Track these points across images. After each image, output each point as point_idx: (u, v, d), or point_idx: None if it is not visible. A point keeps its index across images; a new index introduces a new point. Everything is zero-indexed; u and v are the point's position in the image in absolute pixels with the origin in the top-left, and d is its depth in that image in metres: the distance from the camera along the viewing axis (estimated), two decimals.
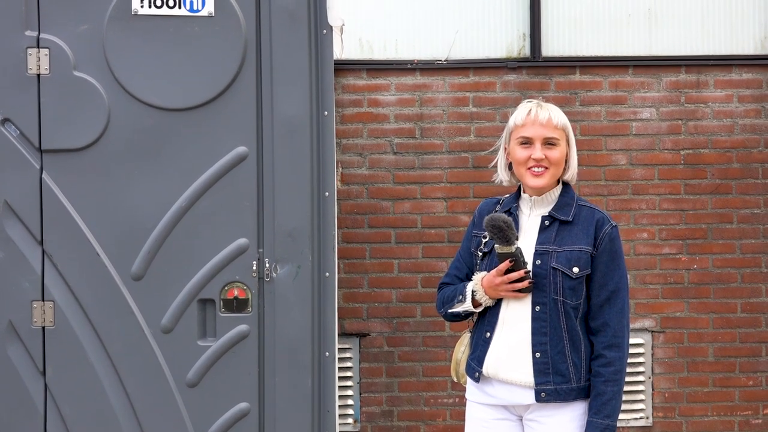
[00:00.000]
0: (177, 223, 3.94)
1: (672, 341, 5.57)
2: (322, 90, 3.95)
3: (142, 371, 3.97)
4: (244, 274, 3.96)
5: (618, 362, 3.30)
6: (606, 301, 3.33)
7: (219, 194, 3.94)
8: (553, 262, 3.32)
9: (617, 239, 3.37)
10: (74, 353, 3.95)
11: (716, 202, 5.56)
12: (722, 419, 5.58)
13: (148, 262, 3.94)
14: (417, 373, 5.55)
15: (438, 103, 5.53)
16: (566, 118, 3.44)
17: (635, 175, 5.55)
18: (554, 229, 3.38)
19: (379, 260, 5.53)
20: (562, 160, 3.41)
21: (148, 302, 3.97)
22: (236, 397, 3.97)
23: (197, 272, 3.95)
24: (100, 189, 3.95)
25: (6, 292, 3.93)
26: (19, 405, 3.95)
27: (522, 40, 5.58)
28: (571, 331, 3.32)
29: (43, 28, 3.92)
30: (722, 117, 5.56)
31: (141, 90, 3.93)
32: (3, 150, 3.91)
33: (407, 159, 5.53)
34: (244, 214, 3.95)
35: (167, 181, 3.94)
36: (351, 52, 5.51)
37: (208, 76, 3.93)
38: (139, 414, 3.97)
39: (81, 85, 3.92)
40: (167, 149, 3.94)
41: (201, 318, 3.98)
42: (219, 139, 3.94)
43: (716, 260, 5.56)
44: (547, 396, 3.32)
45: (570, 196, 3.43)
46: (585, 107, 5.54)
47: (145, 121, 3.94)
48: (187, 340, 3.97)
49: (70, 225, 3.92)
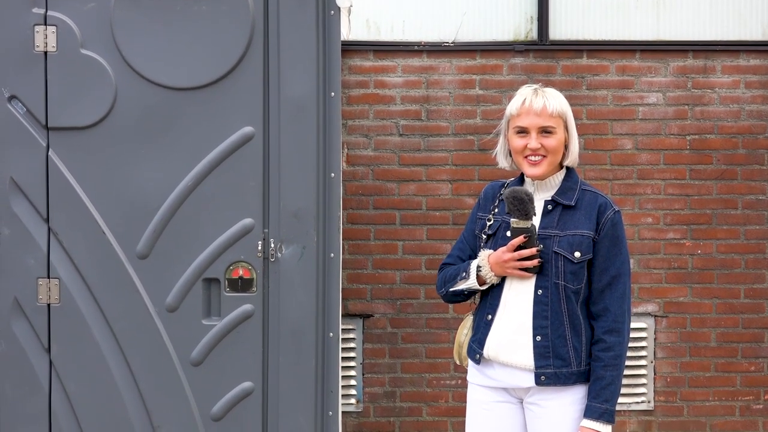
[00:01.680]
0: (183, 202, 3.95)
1: (675, 326, 5.58)
2: (329, 71, 3.95)
3: (146, 349, 3.98)
4: (249, 253, 3.96)
5: (618, 347, 3.31)
6: (607, 286, 3.33)
7: (225, 174, 3.95)
8: (555, 246, 3.33)
9: (620, 224, 3.37)
10: (79, 331, 3.97)
11: (721, 187, 5.55)
12: (723, 404, 5.60)
13: (153, 241, 3.95)
14: (420, 354, 5.57)
15: (444, 85, 5.52)
16: (565, 103, 3.41)
17: (641, 159, 5.54)
18: (557, 213, 3.38)
19: (383, 242, 5.54)
20: (560, 148, 3.39)
21: (153, 281, 3.98)
22: (240, 376, 3.99)
23: (202, 251, 3.96)
24: (106, 167, 3.96)
25: (11, 269, 3.94)
26: (23, 381, 3.97)
27: (529, 23, 5.57)
28: (572, 315, 3.33)
29: (51, 6, 3.91)
30: (729, 103, 5.55)
31: (148, 69, 3.93)
32: (9, 127, 3.91)
33: (413, 141, 5.53)
34: (249, 194, 3.96)
35: (173, 160, 3.94)
36: (358, 33, 5.50)
37: (215, 56, 3.93)
38: (143, 392, 3.99)
39: (88, 63, 3.92)
40: (174, 128, 3.94)
41: (206, 297, 3.99)
42: (225, 118, 3.94)
43: (720, 246, 5.56)
44: (546, 379, 3.33)
45: (573, 181, 3.43)
46: (591, 91, 5.53)
47: (151, 100, 3.94)
48: (191, 319, 3.98)
49: (76, 203, 3.93)
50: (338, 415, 4.05)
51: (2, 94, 3.90)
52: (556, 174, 3.42)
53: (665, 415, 5.59)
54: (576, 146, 3.44)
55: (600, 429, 3.29)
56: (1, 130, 3.91)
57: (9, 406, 3.96)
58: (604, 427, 3.29)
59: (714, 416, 5.59)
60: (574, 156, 3.44)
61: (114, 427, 4.00)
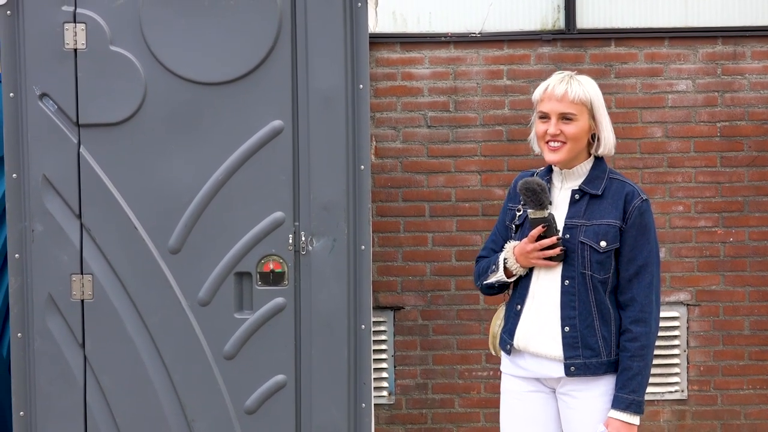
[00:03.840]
0: (213, 196, 3.95)
1: (707, 314, 5.55)
2: (356, 63, 3.93)
3: (179, 344, 3.99)
4: (280, 247, 3.95)
5: (644, 337, 3.28)
6: (635, 276, 3.31)
7: (255, 168, 3.94)
8: (581, 235, 3.32)
9: (647, 213, 3.34)
10: (113, 326, 3.98)
11: (753, 174, 5.52)
12: (757, 392, 5.56)
13: (185, 236, 3.96)
14: (451, 346, 5.57)
15: (472, 76, 5.51)
16: (594, 91, 3.40)
17: (671, 147, 5.51)
18: (584, 202, 3.37)
19: (413, 234, 5.54)
20: (581, 135, 3.38)
21: (185, 275, 3.98)
22: (273, 369, 3.99)
23: (234, 246, 3.96)
24: (137, 163, 3.96)
25: (45, 266, 3.96)
26: (59, 377, 3.99)
27: (557, 12, 5.54)
28: (600, 304, 3.32)
29: (80, 3, 3.93)
30: (759, 89, 5.51)
31: (177, 64, 3.93)
32: (41, 125, 3.93)
33: (441, 132, 5.52)
34: (280, 187, 3.94)
35: (204, 155, 3.95)
36: (385, 25, 5.50)
37: (243, 50, 3.92)
38: (177, 386, 4.00)
39: (117, 59, 3.93)
40: (203, 123, 3.94)
41: (238, 291, 3.99)
42: (255, 112, 3.93)
43: (752, 233, 5.53)
44: (576, 370, 3.33)
45: (602, 170, 3.41)
46: (620, 80, 5.51)
47: (181, 96, 3.94)
48: (224, 313, 3.98)
49: (108, 199, 3.95)
50: (371, 407, 4.06)
51: (33, 92, 3.93)
52: (584, 163, 3.41)
53: (699, 404, 5.56)
54: (609, 136, 3.42)
55: (628, 420, 3.27)
56: (33, 127, 3.93)
57: (45, 401, 3.99)
58: (632, 417, 3.28)
59: (748, 405, 5.56)
60: (608, 145, 3.42)
61: (148, 422, 4.02)
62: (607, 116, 3.43)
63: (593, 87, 3.43)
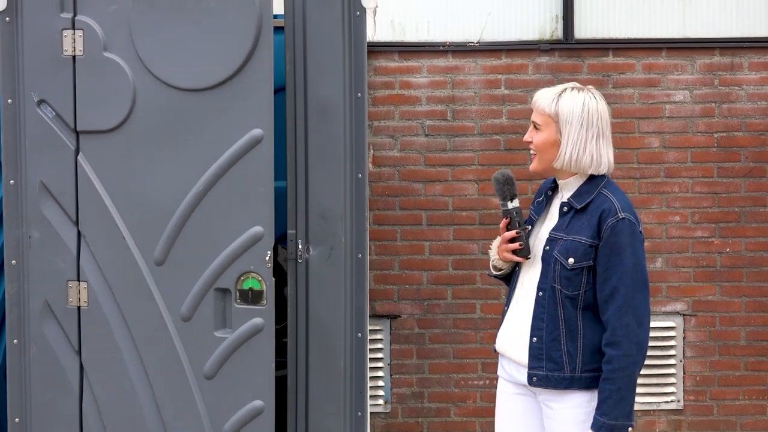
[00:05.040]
0: (195, 208, 3.85)
1: (704, 325, 5.55)
2: (355, 72, 3.92)
3: (162, 358, 3.90)
4: (258, 264, 3.81)
5: (616, 360, 3.20)
6: (609, 297, 3.23)
7: (234, 179, 3.81)
8: (556, 250, 3.30)
9: (623, 233, 3.22)
10: (104, 335, 3.95)
11: (749, 185, 5.52)
12: (753, 403, 5.56)
13: (168, 247, 3.87)
14: (447, 354, 5.56)
15: (470, 85, 5.52)
16: (572, 107, 3.29)
17: (668, 158, 5.52)
18: (569, 216, 3.34)
19: (410, 242, 5.54)
20: (544, 146, 3.34)
21: (169, 288, 3.88)
22: (251, 393, 3.85)
23: (214, 260, 3.85)
24: (126, 171, 3.91)
25: (42, 272, 3.95)
26: (55, 384, 3.96)
27: (555, 22, 5.56)
28: (568, 320, 3.28)
29: (78, 10, 3.91)
30: (756, 99, 5.52)
31: (161, 70, 3.85)
32: (39, 131, 3.92)
33: (439, 141, 5.53)
34: (258, 201, 3.80)
35: (186, 164, 3.85)
36: (383, 34, 5.50)
37: (222, 55, 3.81)
38: (159, 401, 3.92)
39: (110, 65, 3.88)
40: (185, 131, 3.85)
41: (219, 308, 3.86)
42: (234, 121, 3.80)
43: (749, 243, 5.53)
44: (538, 381, 3.32)
45: (594, 184, 3.33)
46: (618, 90, 5.52)
47: (165, 103, 3.86)
48: (204, 330, 3.85)
49: (101, 207, 3.91)
50: (367, 415, 4.05)
51: (32, 98, 3.92)
52: (576, 176, 3.36)
53: (695, 414, 5.56)
54: (577, 154, 3.30)
55: None
56: (31, 134, 3.92)
57: (40, 407, 3.97)
58: None
59: (744, 415, 5.56)
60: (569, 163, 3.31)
61: None
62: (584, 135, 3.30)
63: (574, 102, 3.31)
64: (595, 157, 3.31)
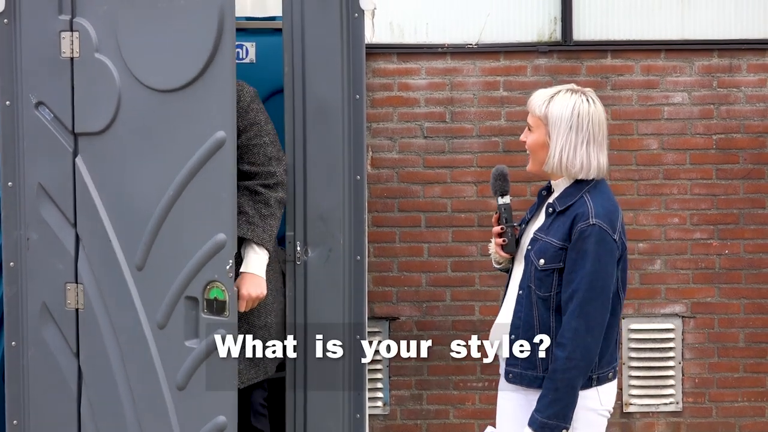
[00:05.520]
0: (168, 213, 3.77)
1: (702, 327, 5.55)
2: (353, 73, 3.91)
3: (140, 366, 3.84)
4: (222, 273, 3.68)
5: (559, 361, 3.20)
6: (569, 299, 3.23)
7: (201, 184, 3.72)
8: (533, 250, 3.33)
9: (591, 239, 3.21)
10: (97, 339, 3.93)
11: (748, 187, 5.52)
12: (752, 405, 5.56)
13: (147, 252, 3.81)
14: (446, 357, 5.54)
15: (468, 87, 5.52)
16: (561, 110, 3.29)
17: (666, 159, 5.52)
18: (552, 218, 3.36)
19: (408, 244, 5.54)
20: (535, 148, 3.36)
21: (147, 294, 3.82)
22: (215, 408, 3.74)
23: (184, 267, 3.75)
24: (113, 173, 3.88)
25: (40, 274, 3.94)
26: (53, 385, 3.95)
27: (553, 23, 5.55)
28: (541, 320, 3.30)
29: (76, 12, 3.89)
30: (755, 101, 5.52)
31: (140, 70, 3.79)
32: (37, 133, 3.91)
33: (437, 143, 5.52)
34: (221, 207, 3.68)
35: (163, 167, 3.77)
36: (381, 35, 5.50)
37: (189, 55, 3.70)
38: (138, 411, 3.87)
39: (100, 67, 3.85)
40: (163, 134, 3.79)
41: (190, 317, 3.76)
42: (201, 123, 3.71)
43: (748, 245, 5.53)
44: (513, 377, 3.36)
45: (579, 188, 3.33)
46: (616, 91, 5.51)
47: (144, 104, 3.80)
48: (177, 339, 3.77)
49: (92, 209, 3.89)
50: (365, 417, 4.05)
51: (30, 100, 3.92)
52: (563, 179, 3.37)
53: (694, 416, 5.56)
54: (564, 157, 3.30)
55: None
56: (29, 136, 3.92)
57: (38, 409, 3.96)
58: None
59: (743, 417, 5.55)
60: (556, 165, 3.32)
61: None
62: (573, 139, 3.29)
63: (564, 106, 3.30)
64: (585, 161, 3.30)
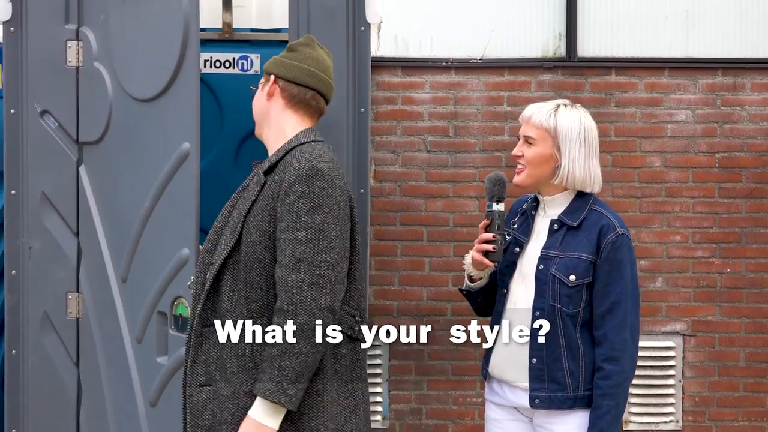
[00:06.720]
0: (144, 226, 3.73)
1: (703, 345, 5.54)
2: (358, 87, 3.91)
3: (120, 379, 3.82)
4: (185, 289, 3.52)
5: (616, 376, 3.19)
6: (607, 312, 3.22)
7: (170, 197, 3.64)
8: (553, 268, 3.27)
9: (623, 248, 3.24)
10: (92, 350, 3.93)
11: (751, 206, 5.52)
12: (752, 424, 5.54)
13: (128, 265, 3.80)
14: (446, 371, 5.55)
15: (472, 101, 5.52)
16: (570, 124, 3.29)
17: (669, 177, 5.51)
18: (561, 234, 3.31)
19: (410, 258, 5.53)
20: (538, 161, 3.32)
21: (129, 307, 3.81)
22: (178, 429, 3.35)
23: (156, 281, 3.67)
24: (107, 183, 3.89)
25: (41, 283, 3.94)
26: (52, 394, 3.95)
27: (558, 40, 5.56)
28: (568, 338, 3.25)
29: (82, 21, 3.90)
30: (758, 120, 5.52)
31: (125, 79, 3.79)
32: (41, 142, 3.92)
33: (440, 157, 5.52)
34: (185, 221, 3.55)
35: (142, 179, 3.73)
36: (386, 49, 5.51)
37: (162, 63, 3.63)
38: (120, 425, 3.84)
39: (97, 76, 3.88)
40: (143, 144, 3.76)
41: (161, 332, 3.66)
42: (172, 134, 3.62)
43: (749, 264, 5.52)
44: (540, 402, 3.28)
45: (584, 201, 3.34)
46: (620, 108, 5.52)
47: (129, 114, 3.79)
48: (151, 354, 3.69)
49: (90, 219, 3.91)
50: None
51: (35, 108, 3.92)
52: (565, 193, 3.36)
53: None
54: (577, 170, 3.30)
55: None
56: (33, 144, 3.93)
57: (37, 418, 3.96)
58: None
59: None
60: (569, 179, 3.31)
61: None
62: (583, 152, 3.30)
63: (572, 119, 3.31)
64: (594, 174, 3.33)
